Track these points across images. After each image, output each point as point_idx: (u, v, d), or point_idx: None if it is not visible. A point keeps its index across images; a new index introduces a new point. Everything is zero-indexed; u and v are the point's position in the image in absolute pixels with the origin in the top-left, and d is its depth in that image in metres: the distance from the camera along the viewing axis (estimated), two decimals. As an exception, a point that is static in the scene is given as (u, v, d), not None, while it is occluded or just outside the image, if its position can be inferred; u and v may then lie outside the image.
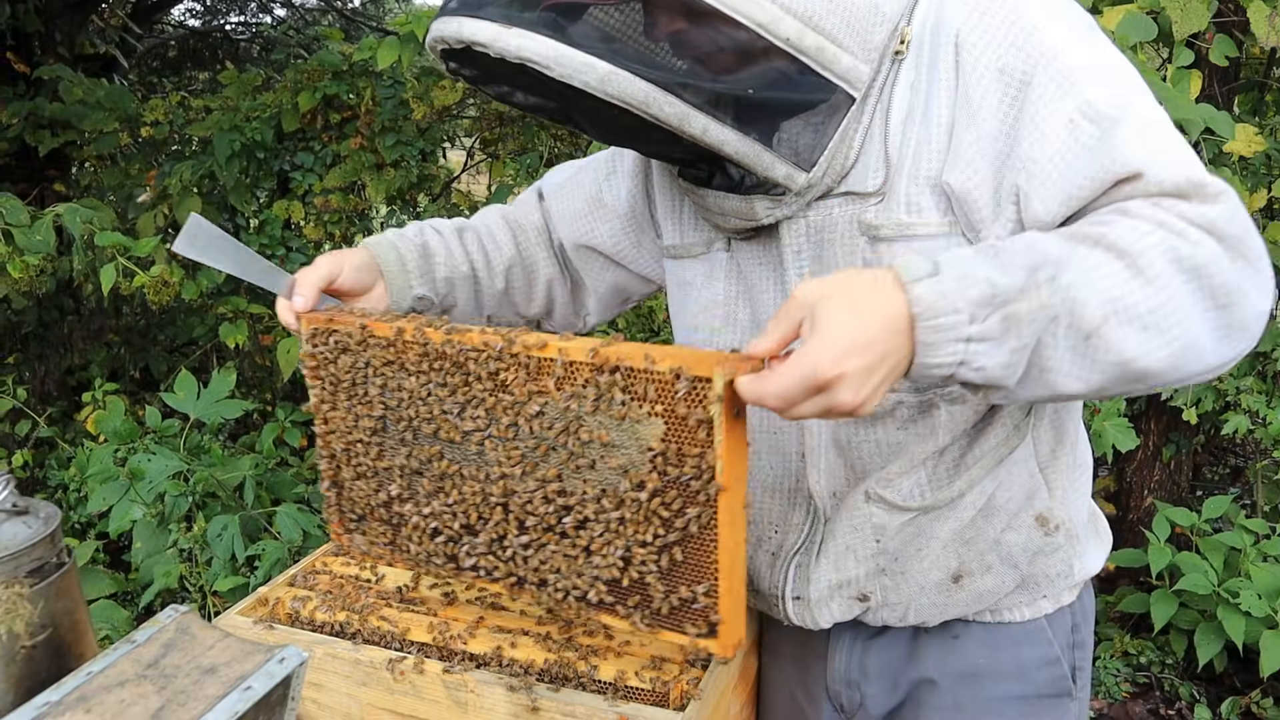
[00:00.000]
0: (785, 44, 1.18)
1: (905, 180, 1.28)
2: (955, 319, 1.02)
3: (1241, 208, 1.14)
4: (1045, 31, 1.22)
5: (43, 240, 3.27)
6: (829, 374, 1.01)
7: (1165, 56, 3.02)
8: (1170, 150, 1.16)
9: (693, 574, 1.25)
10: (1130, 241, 1.07)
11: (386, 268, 1.59)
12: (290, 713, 0.97)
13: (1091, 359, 1.08)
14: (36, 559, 1.01)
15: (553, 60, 1.10)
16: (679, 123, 1.15)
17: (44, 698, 0.87)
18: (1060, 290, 1.04)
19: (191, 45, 6.10)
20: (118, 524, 2.97)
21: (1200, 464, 4.41)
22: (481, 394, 1.40)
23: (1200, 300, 1.09)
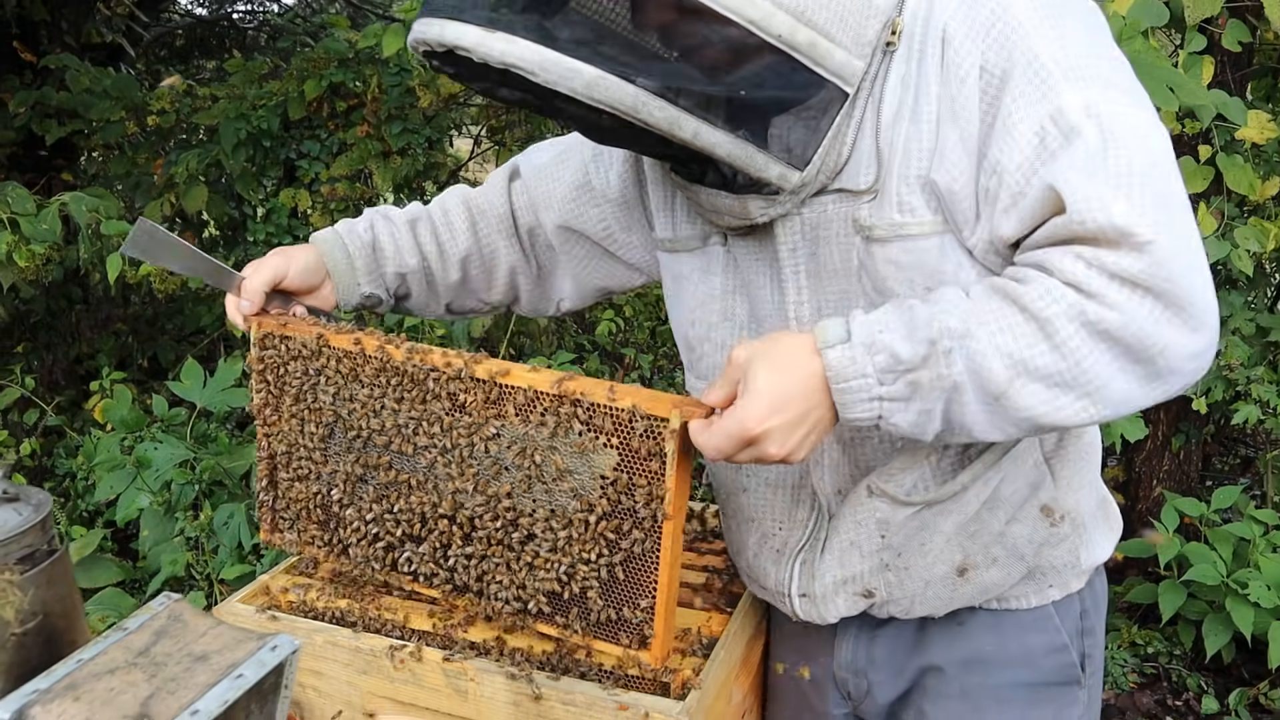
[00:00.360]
0: (778, 40, 1.15)
1: (896, 179, 1.26)
2: (864, 382, 1.14)
3: (1179, 249, 1.09)
4: (1029, 28, 1.18)
5: (49, 229, 3.28)
6: (755, 431, 1.15)
7: (1177, 42, 2.99)
8: (1113, 184, 1.10)
9: (632, 592, 1.35)
10: (1041, 307, 1.11)
11: (333, 267, 1.61)
12: (283, 701, 0.97)
13: (1005, 415, 1.15)
14: (27, 546, 1.01)
15: (537, 66, 1.07)
16: (669, 127, 1.12)
17: (33, 685, 0.86)
18: (962, 360, 1.12)
19: (199, 33, 6.09)
20: (125, 512, 2.98)
21: (1210, 454, 4.39)
22: (439, 412, 1.42)
23: (1115, 359, 1.11)
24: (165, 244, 1.54)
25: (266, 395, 1.58)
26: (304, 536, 1.60)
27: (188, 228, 4.51)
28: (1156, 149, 1.13)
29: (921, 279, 1.27)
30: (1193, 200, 3.12)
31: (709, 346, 1.49)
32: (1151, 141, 1.13)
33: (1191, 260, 1.10)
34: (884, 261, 1.28)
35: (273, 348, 1.55)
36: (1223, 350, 3.31)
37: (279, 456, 1.59)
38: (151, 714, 0.84)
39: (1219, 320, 1.14)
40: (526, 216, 1.70)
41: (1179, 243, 1.09)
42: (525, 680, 1.41)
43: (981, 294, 1.17)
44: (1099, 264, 1.10)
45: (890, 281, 1.28)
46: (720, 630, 1.58)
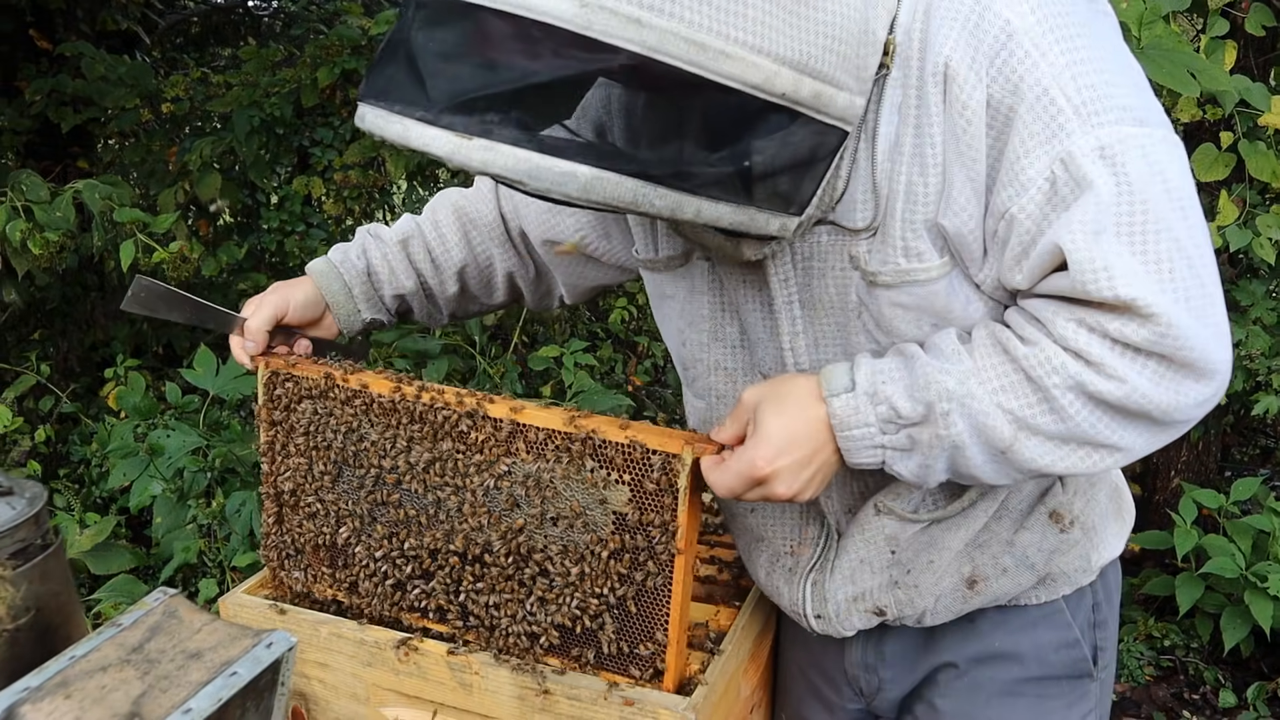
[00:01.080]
0: (782, 99, 1.02)
1: (900, 223, 1.19)
2: (866, 431, 1.17)
3: (1188, 310, 1.06)
4: (1036, 56, 1.09)
5: (63, 217, 3.29)
6: (764, 471, 1.17)
7: (1199, 27, 2.94)
8: (1120, 246, 1.06)
9: (645, 626, 1.36)
10: (1041, 375, 1.11)
11: (332, 299, 1.60)
12: (280, 698, 0.96)
13: (1011, 467, 1.16)
14: (20, 540, 1.00)
15: (526, 175, 0.94)
16: (671, 212, 1.02)
17: (24, 683, 0.85)
18: (962, 420, 1.13)
19: (213, 21, 6.09)
20: (138, 499, 2.99)
21: (1229, 445, 4.34)
22: (450, 450, 1.42)
23: (1117, 421, 1.11)
24: (163, 297, 1.55)
25: (274, 434, 1.57)
26: (311, 574, 1.59)
27: (201, 215, 4.51)
28: (1172, 184, 1.08)
29: (929, 318, 1.23)
30: (1214, 187, 3.08)
31: (702, 368, 1.46)
32: (1168, 176, 1.08)
33: (1202, 314, 1.07)
34: (889, 304, 1.24)
35: (280, 387, 1.55)
36: (1244, 340, 3.26)
37: (285, 495, 1.59)
38: (143, 712, 0.83)
39: (1231, 342, 1.12)
40: (516, 221, 1.67)
41: (1189, 303, 1.06)
42: (531, 674, 1.40)
43: (983, 348, 1.15)
44: (1101, 330, 1.08)
45: (896, 321, 1.25)
46: (729, 624, 1.57)
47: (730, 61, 0.96)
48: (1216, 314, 1.09)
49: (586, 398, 3.37)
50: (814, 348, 1.32)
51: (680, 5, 0.92)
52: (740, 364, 1.42)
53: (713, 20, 0.94)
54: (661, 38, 0.92)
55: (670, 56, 0.93)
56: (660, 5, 0.92)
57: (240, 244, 4.23)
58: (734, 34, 0.96)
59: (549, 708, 1.40)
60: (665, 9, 0.92)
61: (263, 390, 1.56)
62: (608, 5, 0.90)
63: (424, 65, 0.94)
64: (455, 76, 0.93)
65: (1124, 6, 2.49)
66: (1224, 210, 2.98)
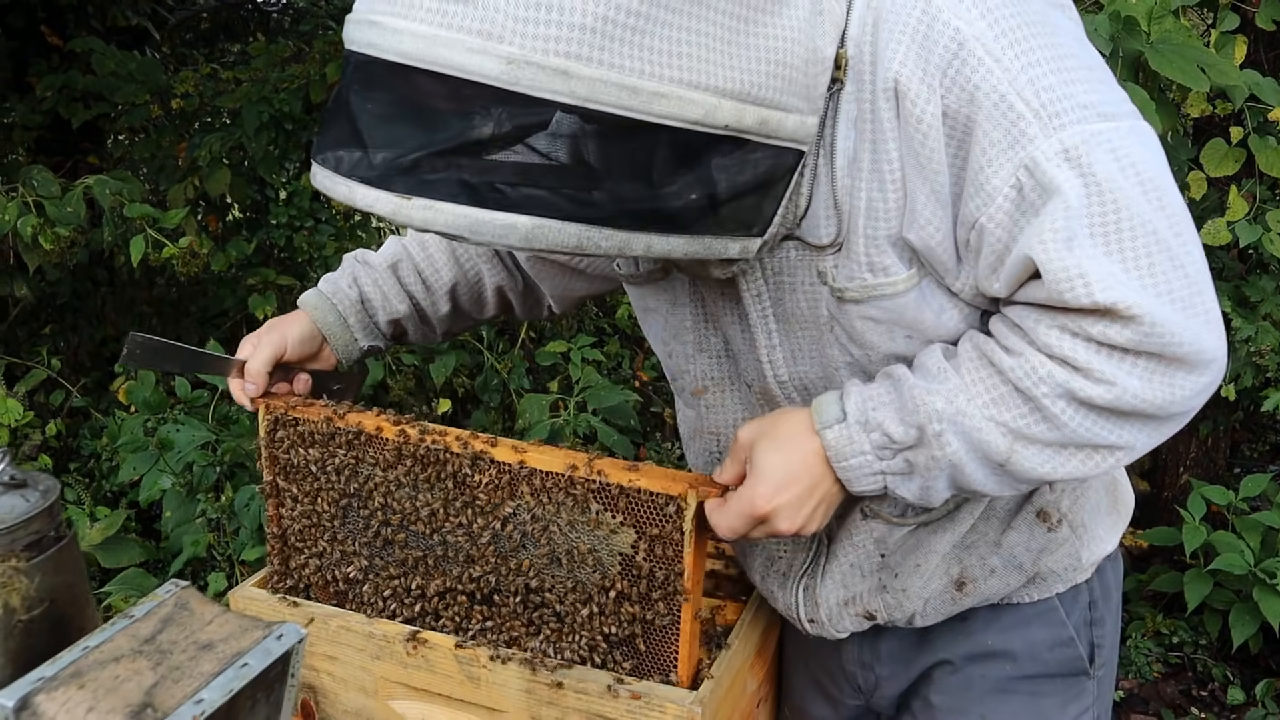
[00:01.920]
0: (725, 130, 1.01)
1: (863, 239, 1.18)
2: (863, 459, 1.17)
3: (1172, 304, 1.05)
4: (990, 63, 1.06)
5: (73, 212, 3.30)
6: (764, 509, 1.19)
7: (1210, 21, 2.93)
8: (1094, 249, 1.04)
9: (653, 664, 1.38)
10: (1028, 385, 1.10)
11: (328, 331, 1.60)
12: (290, 690, 0.97)
13: (1012, 479, 1.16)
14: (34, 532, 1.01)
15: (468, 230, 0.94)
16: (620, 251, 1.01)
17: (38, 673, 0.86)
18: (956, 439, 1.13)
19: (223, 17, 6.11)
20: (148, 493, 3.01)
21: (1238, 441, 4.32)
22: (455, 492, 1.43)
23: (1112, 422, 1.10)
24: (159, 350, 1.56)
25: (276, 475, 1.59)
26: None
27: (211, 210, 4.53)
28: (1145, 175, 1.06)
29: (901, 330, 1.23)
30: (1224, 182, 3.07)
31: (688, 379, 1.46)
32: (1140, 168, 1.06)
33: (1189, 305, 1.06)
34: (859, 319, 1.23)
35: (281, 429, 1.56)
36: (1253, 336, 3.25)
37: (291, 535, 1.61)
38: (155, 703, 0.84)
39: (1225, 344, 1.10)
40: None
41: (1172, 296, 1.05)
42: (539, 667, 1.41)
43: (970, 363, 1.14)
44: (1085, 334, 1.07)
45: (868, 335, 1.24)
46: (735, 618, 1.58)
47: (665, 101, 0.95)
48: (1204, 302, 1.07)
49: (593, 393, 3.38)
50: (791, 360, 1.32)
51: (608, 52, 0.92)
52: (726, 373, 1.42)
53: (643, 63, 0.93)
54: (591, 87, 0.92)
55: (602, 104, 0.93)
56: (588, 54, 0.91)
57: (249, 239, 4.23)
58: (667, 73, 0.95)
59: (556, 701, 1.41)
60: (593, 57, 0.91)
61: (264, 432, 1.56)
62: (534, 60, 0.90)
63: (362, 126, 0.95)
64: (393, 137, 0.93)
65: (1133, 1, 2.49)
66: (1234, 205, 2.97)
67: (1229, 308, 3.24)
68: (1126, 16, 2.40)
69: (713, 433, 1.47)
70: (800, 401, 1.34)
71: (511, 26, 0.89)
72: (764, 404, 1.39)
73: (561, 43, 0.90)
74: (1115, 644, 1.55)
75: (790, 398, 1.35)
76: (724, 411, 1.45)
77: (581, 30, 0.90)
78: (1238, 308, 3.27)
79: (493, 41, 0.89)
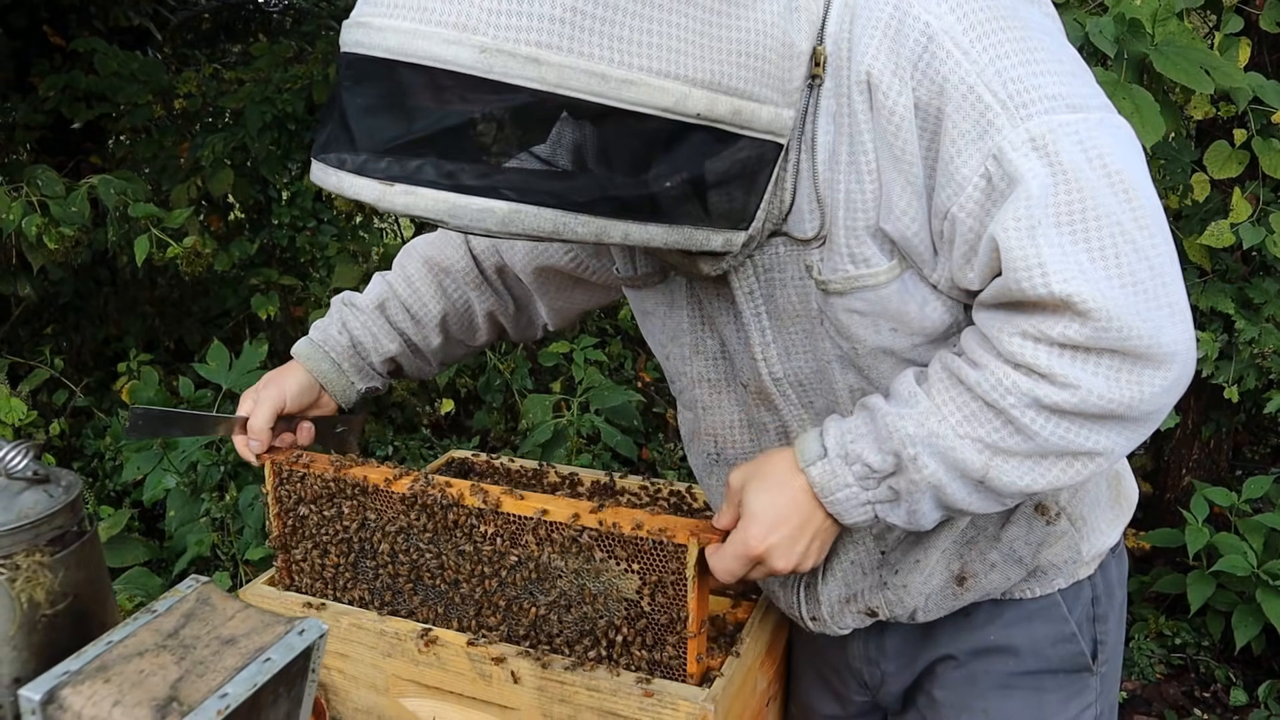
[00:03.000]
0: (697, 119, 1.04)
1: (843, 231, 1.19)
2: (849, 492, 1.19)
3: (1130, 297, 1.05)
4: (959, 55, 1.08)
5: (78, 212, 3.30)
6: (757, 550, 1.23)
7: (1213, 23, 2.94)
8: (1055, 239, 1.05)
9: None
10: (995, 397, 1.11)
11: (325, 379, 1.63)
12: (310, 685, 0.97)
13: (994, 495, 1.17)
14: (57, 528, 1.01)
15: (446, 214, 0.98)
16: (596, 238, 1.04)
17: (64, 666, 0.87)
18: (932, 460, 1.14)
19: (224, 17, 6.10)
20: (151, 493, 3.01)
21: (1241, 443, 4.33)
22: (461, 541, 1.46)
23: (1084, 428, 1.10)
24: (161, 418, 1.60)
25: (284, 527, 1.61)
26: None
27: (213, 211, 4.53)
28: (1113, 166, 1.07)
29: (887, 322, 1.23)
30: (1227, 184, 3.08)
31: (686, 380, 1.47)
32: (1108, 160, 1.07)
33: (1153, 298, 1.06)
34: (844, 311, 1.24)
35: (287, 484, 1.59)
36: (1256, 338, 3.26)
37: (303, 587, 1.63)
38: (180, 696, 0.85)
39: (1193, 337, 1.10)
40: (490, 258, 1.68)
41: (1136, 289, 1.05)
42: (550, 665, 1.41)
43: (939, 383, 1.16)
44: (1046, 338, 1.07)
45: (854, 328, 1.25)
46: (745, 617, 1.58)
47: (634, 88, 0.99)
48: (1169, 295, 1.07)
49: (596, 394, 3.38)
50: (785, 356, 1.33)
51: (577, 41, 0.96)
52: (722, 375, 1.43)
53: (612, 51, 0.97)
54: (561, 73, 0.95)
55: (572, 90, 0.96)
56: (558, 43, 0.95)
57: (252, 240, 4.23)
58: (637, 61, 0.98)
59: (568, 698, 1.41)
60: (563, 45, 0.95)
61: (271, 487, 1.59)
62: (505, 48, 0.94)
63: (350, 119, 0.99)
64: (376, 127, 0.98)
65: (1138, 3, 2.50)
66: (1237, 207, 2.98)
67: (1232, 310, 3.25)
68: (1131, 19, 2.41)
69: (710, 434, 1.48)
70: (796, 399, 1.36)
71: (485, 19, 0.94)
72: (760, 404, 1.40)
73: (532, 32, 0.94)
74: (1119, 641, 1.55)
75: (785, 395, 1.36)
76: (721, 413, 1.46)
77: (551, 20, 0.94)
78: (1241, 309, 3.28)
79: (467, 33, 0.94)
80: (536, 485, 1.95)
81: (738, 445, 1.46)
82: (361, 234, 4.70)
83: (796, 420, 1.37)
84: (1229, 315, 3.34)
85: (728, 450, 1.47)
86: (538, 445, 3.20)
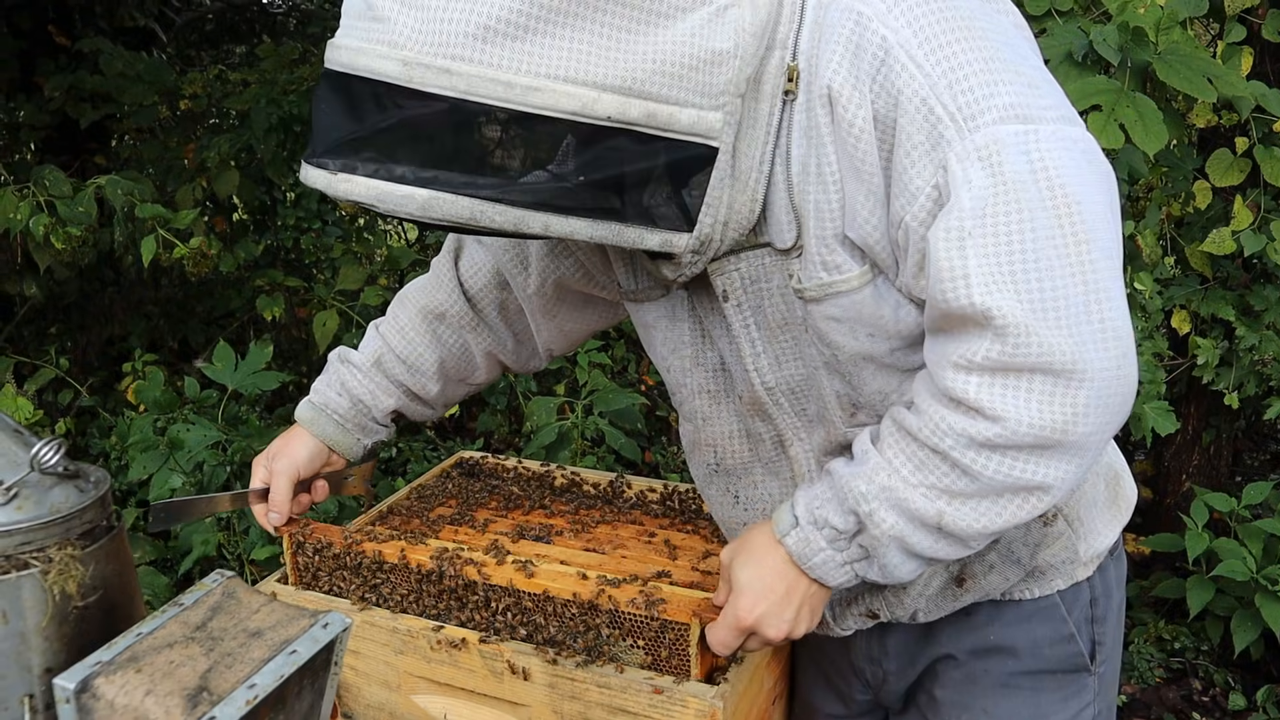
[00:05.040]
0: (608, 121, 1.10)
1: (814, 240, 1.23)
2: (824, 555, 1.25)
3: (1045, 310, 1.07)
4: (913, 69, 1.12)
5: (85, 212, 3.31)
6: (748, 621, 1.29)
7: (1216, 32, 2.97)
8: (982, 252, 1.08)
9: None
10: (935, 441, 1.15)
11: (332, 442, 1.69)
12: (333, 677, 0.99)
13: (957, 540, 1.20)
14: (88, 522, 1.03)
15: (375, 199, 1.10)
16: (515, 227, 1.12)
17: (96, 657, 0.88)
18: (890, 513, 1.19)
19: (229, 18, 6.12)
20: (157, 492, 3.01)
21: (1241, 449, 4.35)
22: (471, 613, 1.52)
23: (1026, 459, 1.12)
24: (181, 507, 1.66)
25: (300, 581, 1.67)
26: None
27: (219, 212, 4.54)
28: (1058, 178, 1.08)
29: (863, 328, 1.26)
30: (1229, 192, 3.10)
31: (686, 392, 1.50)
32: (1053, 171, 1.08)
33: (1078, 313, 1.08)
34: (822, 319, 1.27)
35: (304, 555, 1.65)
36: (1257, 345, 3.28)
37: None
38: (210, 687, 0.86)
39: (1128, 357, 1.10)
40: (486, 295, 1.70)
41: (1051, 304, 1.07)
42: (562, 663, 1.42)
43: (888, 436, 1.21)
44: (972, 364, 1.10)
45: (832, 335, 1.28)
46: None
47: (540, 94, 1.07)
48: (1102, 312, 1.09)
49: (600, 396, 3.40)
50: (776, 366, 1.36)
51: (486, 53, 1.06)
52: (721, 387, 1.46)
53: (517, 61, 1.07)
54: (470, 82, 1.06)
55: (480, 96, 1.07)
56: (467, 55, 1.06)
57: (257, 241, 4.25)
58: (542, 70, 1.07)
59: (579, 695, 1.42)
60: (472, 58, 1.06)
61: (289, 555, 1.66)
62: (423, 61, 1.06)
63: (317, 123, 1.13)
64: (332, 128, 1.11)
65: (1141, 12, 2.52)
66: (1239, 215, 3.00)
67: (1233, 316, 3.27)
68: (1135, 27, 2.43)
69: (710, 444, 1.50)
70: (789, 407, 1.38)
71: (410, 37, 1.06)
72: (755, 414, 1.42)
73: (445, 46, 1.05)
74: (1118, 642, 1.57)
75: (779, 404, 1.38)
76: (719, 424, 1.48)
77: (463, 36, 1.05)
78: (1241, 316, 3.30)
79: (395, 49, 1.06)
80: (544, 487, 1.97)
81: (736, 455, 1.48)
82: (366, 235, 4.71)
83: (790, 429, 1.40)
84: (1230, 322, 3.36)
85: (727, 460, 1.49)
86: (542, 448, 3.21)
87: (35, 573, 0.95)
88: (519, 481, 1.99)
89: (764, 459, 1.45)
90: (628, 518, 1.84)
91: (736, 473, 1.49)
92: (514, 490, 1.94)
